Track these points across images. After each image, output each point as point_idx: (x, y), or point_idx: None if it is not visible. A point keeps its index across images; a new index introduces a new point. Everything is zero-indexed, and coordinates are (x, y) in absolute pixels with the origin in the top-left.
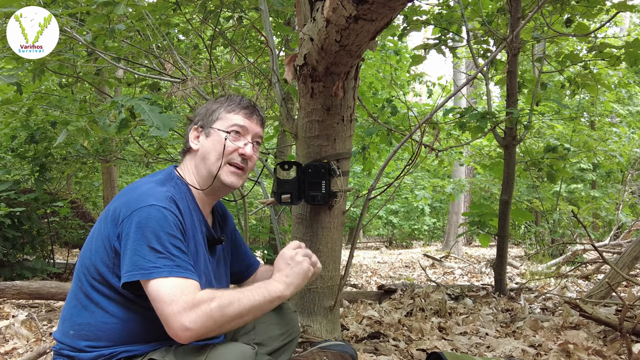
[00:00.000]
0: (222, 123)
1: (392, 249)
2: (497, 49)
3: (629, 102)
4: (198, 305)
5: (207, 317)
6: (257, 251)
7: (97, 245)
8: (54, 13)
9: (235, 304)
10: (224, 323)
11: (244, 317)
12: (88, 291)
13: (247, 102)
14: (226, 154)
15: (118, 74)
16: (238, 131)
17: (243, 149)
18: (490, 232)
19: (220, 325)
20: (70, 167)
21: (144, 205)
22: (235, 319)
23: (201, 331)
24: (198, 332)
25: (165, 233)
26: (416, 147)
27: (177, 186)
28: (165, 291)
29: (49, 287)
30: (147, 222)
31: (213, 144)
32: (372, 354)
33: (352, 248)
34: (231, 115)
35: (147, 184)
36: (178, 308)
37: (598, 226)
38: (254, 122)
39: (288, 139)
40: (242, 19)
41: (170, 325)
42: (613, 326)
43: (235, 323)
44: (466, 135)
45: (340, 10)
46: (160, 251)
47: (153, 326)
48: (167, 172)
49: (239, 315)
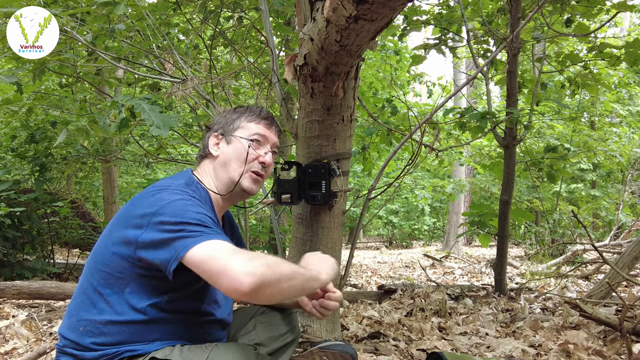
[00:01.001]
0: (243, 131)
1: (392, 249)
2: (497, 49)
3: (629, 102)
4: (255, 258)
5: (266, 267)
6: (257, 251)
7: (115, 242)
8: (54, 13)
9: (284, 265)
10: (278, 279)
11: (291, 282)
12: (100, 288)
13: (267, 114)
14: (248, 161)
15: (118, 74)
16: (259, 140)
17: (263, 157)
18: (490, 232)
19: (276, 280)
20: (70, 167)
21: (170, 201)
22: (286, 280)
23: (261, 279)
24: (259, 279)
25: (194, 212)
26: (416, 147)
27: (198, 190)
28: (218, 248)
29: (49, 287)
30: (175, 211)
31: (235, 151)
32: (372, 354)
33: (352, 248)
34: (252, 124)
35: (170, 187)
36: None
37: (598, 226)
38: (273, 132)
39: (288, 139)
40: (242, 19)
41: (230, 273)
42: (613, 326)
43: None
44: (466, 135)
45: (341, 10)
46: (188, 222)
47: (158, 326)
48: (186, 176)
49: (289, 277)
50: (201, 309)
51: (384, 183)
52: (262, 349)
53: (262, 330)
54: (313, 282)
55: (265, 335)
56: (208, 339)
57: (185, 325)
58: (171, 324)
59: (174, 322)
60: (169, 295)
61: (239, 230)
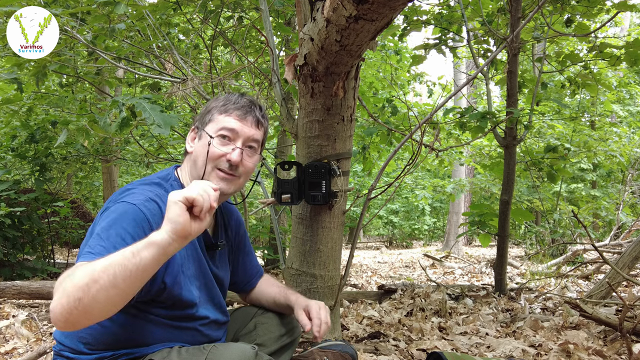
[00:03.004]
0: (212, 126)
1: (392, 248)
2: (498, 49)
3: (629, 102)
4: (57, 288)
5: (61, 294)
6: (257, 251)
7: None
8: (54, 13)
9: (86, 276)
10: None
11: (100, 284)
12: None
13: (244, 102)
14: (211, 160)
15: (118, 73)
16: (226, 135)
17: (230, 154)
18: (491, 232)
19: (77, 298)
20: (70, 167)
21: (119, 201)
22: (89, 290)
23: (58, 312)
24: (56, 314)
25: (120, 226)
26: (416, 147)
27: (172, 187)
28: (67, 273)
29: (49, 287)
30: (109, 214)
31: (202, 148)
32: (372, 354)
33: (352, 248)
34: (222, 117)
35: (137, 185)
36: (56, 292)
37: (598, 226)
38: (248, 125)
39: (288, 139)
40: (242, 19)
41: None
42: (613, 326)
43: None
44: (466, 135)
45: (341, 10)
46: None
47: (153, 329)
48: (165, 172)
49: (91, 282)
50: (195, 315)
51: (384, 183)
52: (262, 349)
53: (262, 331)
54: (137, 258)
55: (266, 336)
56: (205, 341)
57: (181, 329)
58: (166, 328)
59: (169, 327)
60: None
61: (243, 225)
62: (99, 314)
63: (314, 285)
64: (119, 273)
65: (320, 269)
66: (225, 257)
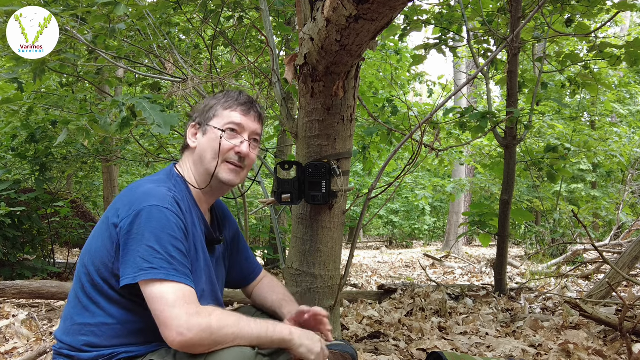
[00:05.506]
0: (218, 121)
1: (393, 248)
2: (498, 49)
3: (630, 102)
4: (199, 314)
5: (205, 328)
6: (257, 251)
7: (97, 245)
8: (54, 12)
9: (233, 328)
10: (217, 340)
11: (236, 342)
12: (89, 291)
13: (245, 99)
14: (222, 153)
15: (119, 73)
16: (234, 129)
17: (239, 147)
18: (491, 231)
19: (213, 341)
20: (70, 166)
21: (146, 205)
22: (228, 341)
23: (195, 340)
24: (192, 340)
25: (166, 234)
26: (416, 147)
27: (177, 184)
28: (167, 293)
29: (49, 286)
30: (148, 222)
31: (209, 142)
32: (372, 354)
33: (352, 248)
34: (227, 112)
35: (148, 184)
36: (179, 312)
37: (598, 226)
38: (251, 119)
39: (288, 139)
40: (242, 19)
41: (167, 326)
42: (613, 326)
43: (227, 345)
44: (467, 135)
45: (341, 10)
46: (159, 252)
47: (154, 327)
48: (167, 170)
49: (233, 338)
50: None
51: (385, 183)
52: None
53: None
54: (274, 342)
55: None
56: None
57: None
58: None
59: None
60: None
61: (235, 223)
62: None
63: (314, 285)
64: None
65: (320, 269)
66: (221, 253)
